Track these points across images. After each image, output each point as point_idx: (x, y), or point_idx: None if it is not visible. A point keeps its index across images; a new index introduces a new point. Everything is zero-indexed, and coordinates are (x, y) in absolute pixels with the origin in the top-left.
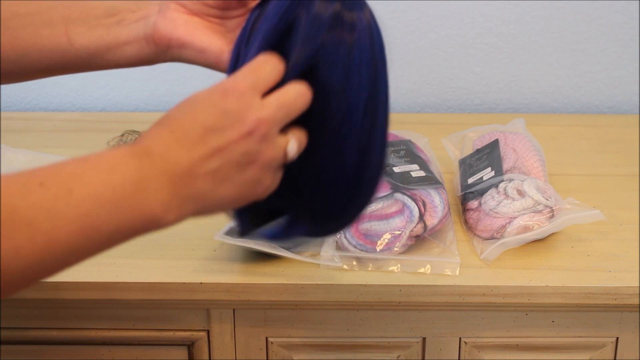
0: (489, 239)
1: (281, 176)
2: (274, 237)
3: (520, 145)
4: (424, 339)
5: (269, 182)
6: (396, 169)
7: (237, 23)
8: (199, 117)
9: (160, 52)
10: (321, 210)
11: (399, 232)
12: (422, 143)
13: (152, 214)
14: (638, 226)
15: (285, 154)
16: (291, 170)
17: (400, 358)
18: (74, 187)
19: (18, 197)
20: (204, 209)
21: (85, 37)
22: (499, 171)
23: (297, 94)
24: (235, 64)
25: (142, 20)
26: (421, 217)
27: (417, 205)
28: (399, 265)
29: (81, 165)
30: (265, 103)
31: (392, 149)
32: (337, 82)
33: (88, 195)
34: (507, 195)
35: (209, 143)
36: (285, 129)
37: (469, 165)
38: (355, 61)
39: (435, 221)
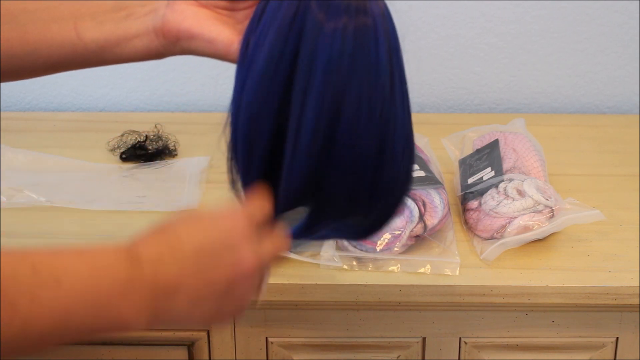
0: (489, 239)
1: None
2: (298, 234)
3: (520, 145)
4: (424, 339)
5: (237, 312)
6: None
7: (245, 15)
8: (198, 236)
9: (170, 44)
10: (341, 204)
11: (399, 232)
12: (422, 143)
13: (124, 321)
14: (638, 226)
15: (258, 293)
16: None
17: (400, 358)
18: (64, 280)
19: (8, 275)
20: (171, 323)
21: (95, 32)
22: (499, 171)
23: (284, 246)
24: (244, 54)
25: (151, 13)
26: (421, 217)
27: (417, 205)
28: (399, 265)
29: (76, 258)
30: (262, 247)
31: None
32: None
33: (74, 291)
34: (507, 195)
35: (200, 265)
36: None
37: (469, 165)
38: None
39: (435, 221)
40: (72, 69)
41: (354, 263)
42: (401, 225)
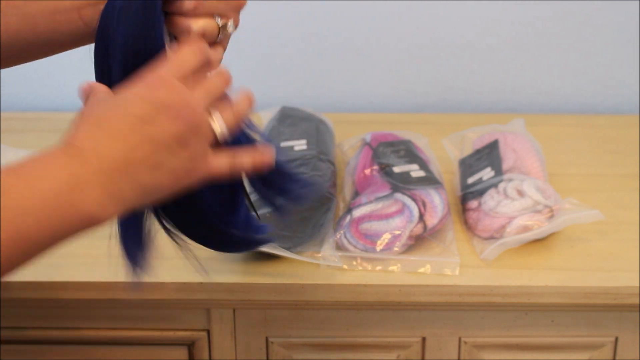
0: (488, 239)
1: (221, 166)
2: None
3: (520, 146)
4: (424, 338)
5: (204, 165)
6: (396, 169)
7: None
8: (128, 110)
9: None
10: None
11: (399, 232)
12: (422, 143)
13: (88, 213)
14: (638, 226)
15: (214, 135)
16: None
17: (400, 358)
18: (4, 202)
19: None
20: (142, 199)
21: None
22: (498, 171)
23: (221, 78)
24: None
25: None
26: (421, 217)
27: (417, 205)
28: (399, 265)
29: (12, 177)
30: (192, 88)
31: (392, 149)
32: None
33: (16, 208)
34: (506, 195)
35: (141, 132)
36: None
37: (468, 165)
38: None
39: (435, 221)
40: (87, 44)
41: (354, 263)
42: (401, 225)
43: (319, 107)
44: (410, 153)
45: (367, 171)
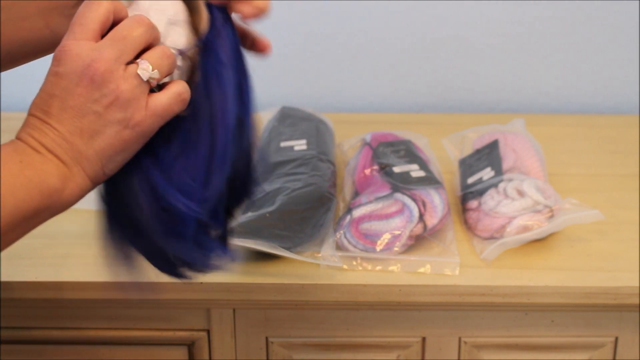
0: (488, 239)
1: (163, 102)
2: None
3: (520, 146)
4: (424, 338)
5: (140, 115)
6: (396, 169)
7: None
8: (44, 88)
9: None
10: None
11: (399, 232)
12: (422, 143)
13: (47, 186)
14: (638, 226)
15: (140, 79)
16: None
17: (400, 358)
18: None
19: None
20: (103, 167)
21: (66, 27)
22: (498, 171)
23: (131, 24)
24: None
25: None
26: (421, 217)
27: (417, 205)
28: (399, 265)
29: None
30: (97, 46)
31: (392, 149)
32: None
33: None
34: (506, 195)
35: (67, 107)
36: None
37: (468, 165)
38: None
39: (435, 221)
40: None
41: (354, 263)
42: (401, 225)
43: (319, 107)
44: (410, 153)
45: (367, 171)
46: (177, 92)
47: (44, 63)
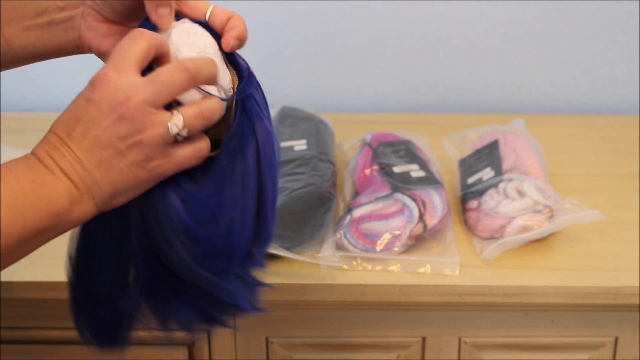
0: (488, 239)
1: (185, 155)
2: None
3: (520, 146)
4: (424, 338)
5: (159, 161)
6: (396, 169)
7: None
8: (71, 109)
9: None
10: None
11: (399, 232)
12: (422, 143)
13: (55, 207)
14: (638, 226)
15: (168, 130)
16: None
17: (400, 358)
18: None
19: None
20: (106, 199)
21: (22, 39)
22: (498, 171)
23: (174, 70)
24: None
25: (70, 21)
26: (421, 217)
27: (417, 205)
28: (399, 265)
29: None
30: (135, 83)
31: (392, 149)
32: None
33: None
34: (506, 195)
35: (89, 135)
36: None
37: (468, 165)
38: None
39: (435, 221)
40: (9, 69)
41: (354, 263)
42: (401, 225)
43: (319, 107)
44: (410, 153)
45: (367, 171)
46: (200, 148)
47: (44, 63)
